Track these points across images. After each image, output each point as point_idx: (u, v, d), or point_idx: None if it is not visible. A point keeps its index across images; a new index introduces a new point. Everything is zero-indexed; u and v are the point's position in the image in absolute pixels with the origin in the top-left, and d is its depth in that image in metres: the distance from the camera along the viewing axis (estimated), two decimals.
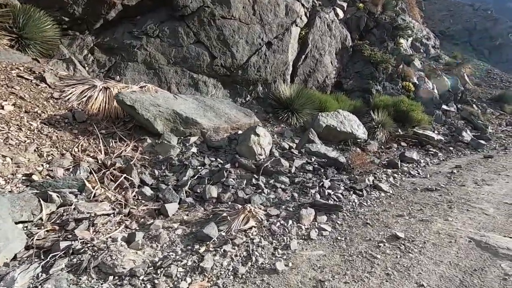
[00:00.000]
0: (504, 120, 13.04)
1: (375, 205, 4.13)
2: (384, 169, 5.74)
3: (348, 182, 4.83)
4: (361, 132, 7.68)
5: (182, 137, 4.88)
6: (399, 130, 8.87)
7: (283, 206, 3.89)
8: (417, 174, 5.71)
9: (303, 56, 9.39)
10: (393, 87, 11.44)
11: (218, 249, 2.74)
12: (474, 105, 13.42)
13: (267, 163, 4.56)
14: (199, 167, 4.35)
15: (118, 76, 6.55)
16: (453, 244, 3.01)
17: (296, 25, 9.20)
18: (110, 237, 2.72)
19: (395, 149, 7.97)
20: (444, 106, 12.03)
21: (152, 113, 4.60)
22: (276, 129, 7.45)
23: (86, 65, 6.23)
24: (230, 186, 4.14)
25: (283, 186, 4.38)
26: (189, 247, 2.78)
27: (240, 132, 5.46)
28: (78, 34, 6.40)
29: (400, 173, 5.63)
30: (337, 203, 4.04)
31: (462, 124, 11.22)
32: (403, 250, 2.90)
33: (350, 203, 4.11)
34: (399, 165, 5.93)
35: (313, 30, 9.63)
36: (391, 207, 4.07)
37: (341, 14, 11.40)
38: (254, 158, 4.74)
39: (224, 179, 4.19)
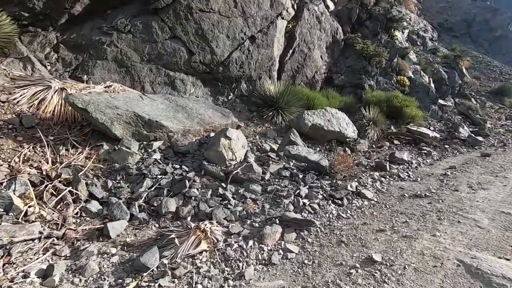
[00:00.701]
0: (504, 114, 12.46)
1: (355, 217, 3.64)
2: (371, 172, 5.23)
3: (329, 189, 4.34)
4: (350, 130, 7.16)
5: (145, 142, 4.39)
6: (392, 128, 8.34)
7: (249, 221, 3.40)
8: (407, 177, 5.20)
9: (291, 51, 8.84)
10: (387, 82, 10.88)
11: (152, 284, 2.26)
12: (472, 99, 12.82)
13: (237, 170, 4.07)
14: (160, 176, 3.86)
15: (85, 76, 6.05)
16: (439, 270, 2.52)
17: (282, 18, 8.63)
18: (23, 270, 2.25)
19: (386, 148, 7.45)
20: (440, 101, 11.46)
21: (108, 116, 4.11)
22: (260, 129, 6.95)
23: (48, 64, 5.73)
24: (193, 198, 3.66)
25: (253, 196, 3.89)
26: (120, 281, 2.30)
27: (213, 134, 4.96)
28: (40, 31, 5.88)
29: (388, 177, 5.13)
30: (311, 216, 3.55)
31: (459, 119, 10.66)
32: (378, 279, 2.41)
33: (327, 215, 3.62)
34: (388, 167, 5.41)
35: (301, 23, 9.06)
36: (373, 219, 3.58)
37: (331, 6, 10.81)
38: (224, 164, 4.25)
39: (186, 189, 3.70)
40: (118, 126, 4.19)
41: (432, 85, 12.07)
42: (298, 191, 4.05)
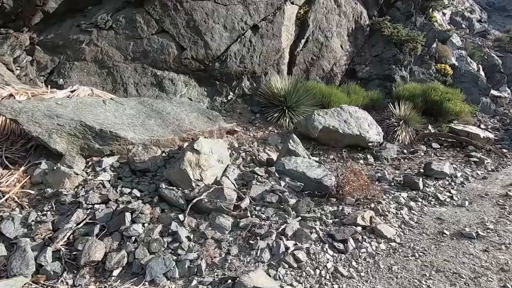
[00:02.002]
0: None
1: (361, 275, 2.34)
2: (397, 192, 3.80)
3: (330, 221, 3.05)
4: (373, 133, 5.70)
5: (96, 159, 3.46)
6: (430, 127, 6.65)
7: (195, 282, 2.28)
8: (448, 200, 3.69)
9: (303, 41, 7.49)
10: (424, 72, 9.04)
11: None
12: None
13: (202, 196, 2.97)
14: (98, 206, 2.89)
15: (61, 80, 5.33)
16: None
17: (292, 3, 7.31)
18: None
19: (421, 154, 5.85)
20: (493, 91, 9.30)
21: (45, 127, 3.23)
22: (261, 134, 5.77)
23: (17, 68, 5.07)
24: (132, 239, 2.63)
25: (218, 235, 2.76)
26: None
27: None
28: (12, 32, 5.25)
29: (421, 199, 3.67)
30: (290, 276, 2.32)
31: None
32: None
33: (317, 273, 2.36)
34: (421, 184, 3.92)
35: (315, 8, 7.65)
36: (390, 282, 2.26)
37: None
38: (189, 187, 3.16)
39: (126, 225, 2.68)
40: (59, 139, 3.30)
41: (482, 73, 9.91)
42: (284, 226, 2.84)
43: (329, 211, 3.24)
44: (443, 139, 6.32)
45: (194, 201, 2.92)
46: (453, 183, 4.13)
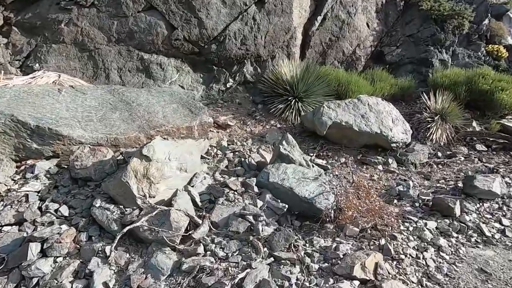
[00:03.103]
0: None
1: None
2: (421, 220, 2.72)
3: (317, 267, 2.11)
4: (399, 130, 4.50)
5: (31, 162, 2.79)
6: (474, 124, 5.25)
7: None
8: (498, 236, 2.54)
9: (320, 18, 6.28)
10: (470, 54, 7.39)
11: None
12: None
13: (141, 222, 2.17)
14: (8, 228, 2.21)
15: (37, 64, 4.74)
16: None
17: None
18: None
19: (461, 159, 4.56)
20: None
21: None
22: (259, 129, 4.83)
23: None
24: (34, 281, 1.91)
25: (148, 282, 1.95)
26: None
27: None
28: None
29: (456, 233, 2.56)
30: None
31: None
32: None
33: None
34: (458, 209, 2.78)
35: None
36: None
37: None
38: (133, 205, 2.38)
39: (29, 261, 1.97)
40: None
41: None
42: (244, 273, 1.96)
43: (318, 246, 2.29)
44: (491, 139, 4.94)
45: (126, 229, 2.12)
46: (506, 209, 2.93)
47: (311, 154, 4.27)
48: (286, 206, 2.54)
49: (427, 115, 4.98)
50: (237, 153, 3.95)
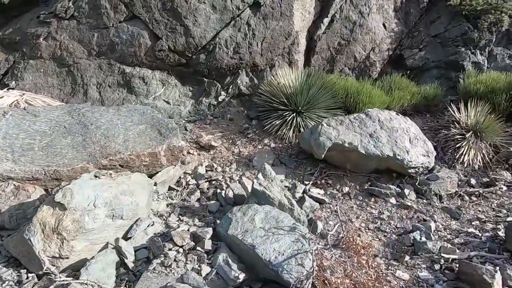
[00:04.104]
0: None
1: None
2: None
3: None
4: (418, 153, 3.60)
5: None
6: None
7: None
8: None
9: (327, 20, 5.53)
10: None
11: None
12: None
13: None
14: None
15: (13, 82, 4.45)
16: None
17: None
18: None
19: (504, 188, 3.56)
20: None
21: None
22: (250, 150, 4.15)
23: None
24: None
25: None
26: None
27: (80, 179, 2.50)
28: None
29: None
30: None
31: None
32: None
33: None
34: (498, 284, 1.90)
35: None
36: None
37: None
38: (39, 269, 1.81)
39: None
40: None
41: None
42: None
43: None
44: None
45: None
46: None
47: (307, 182, 3.52)
48: (243, 275, 1.83)
49: (456, 131, 4.02)
50: (213, 182, 3.30)
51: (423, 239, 2.54)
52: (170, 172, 3.11)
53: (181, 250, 1.98)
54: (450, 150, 4.02)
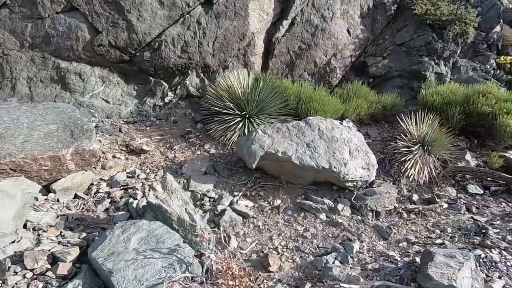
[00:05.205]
0: None
1: None
2: None
3: None
4: (356, 166, 3.39)
5: None
6: (468, 157, 4.02)
7: None
8: None
9: (286, 23, 5.32)
10: (476, 67, 6.14)
11: None
12: None
13: None
14: None
15: None
16: None
17: None
18: None
19: (444, 206, 3.38)
20: None
21: None
22: (187, 156, 3.87)
23: None
24: None
25: None
26: None
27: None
28: None
29: None
30: None
31: None
32: None
33: None
34: None
35: None
36: None
37: None
38: None
39: None
40: None
41: None
42: None
43: None
44: (489, 179, 3.71)
45: None
46: None
47: (236, 194, 3.26)
48: None
49: (403, 143, 3.83)
50: (130, 190, 3.01)
51: (336, 263, 2.31)
52: (77, 179, 2.82)
53: (29, 274, 1.70)
54: (397, 163, 3.83)
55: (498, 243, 2.47)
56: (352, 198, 3.26)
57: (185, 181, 3.33)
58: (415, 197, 3.49)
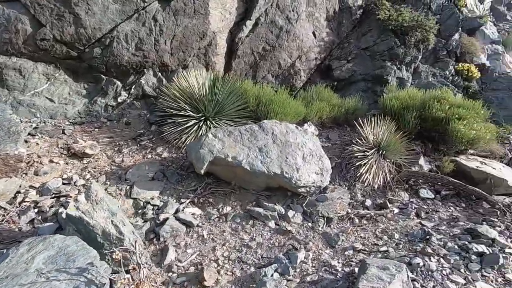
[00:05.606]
0: None
1: None
2: None
3: None
4: (310, 170, 3.32)
5: None
6: (422, 161, 4.08)
7: None
8: None
9: (250, 23, 5.21)
10: (436, 73, 6.32)
11: None
12: None
13: None
14: None
15: None
16: None
17: None
18: None
19: (396, 211, 3.38)
20: None
21: None
22: (135, 160, 3.64)
23: None
24: None
25: None
26: None
27: None
28: None
29: None
30: None
31: None
32: None
33: None
34: None
35: None
36: None
37: None
38: None
39: None
40: None
41: None
42: None
43: None
44: (439, 184, 3.77)
45: None
46: None
47: (184, 201, 3.09)
48: None
49: (359, 148, 3.81)
50: (62, 199, 2.75)
51: (275, 275, 2.20)
52: None
53: None
54: (353, 168, 3.81)
55: (438, 250, 2.47)
56: (304, 205, 3.19)
57: (128, 187, 3.11)
58: (368, 202, 3.48)
